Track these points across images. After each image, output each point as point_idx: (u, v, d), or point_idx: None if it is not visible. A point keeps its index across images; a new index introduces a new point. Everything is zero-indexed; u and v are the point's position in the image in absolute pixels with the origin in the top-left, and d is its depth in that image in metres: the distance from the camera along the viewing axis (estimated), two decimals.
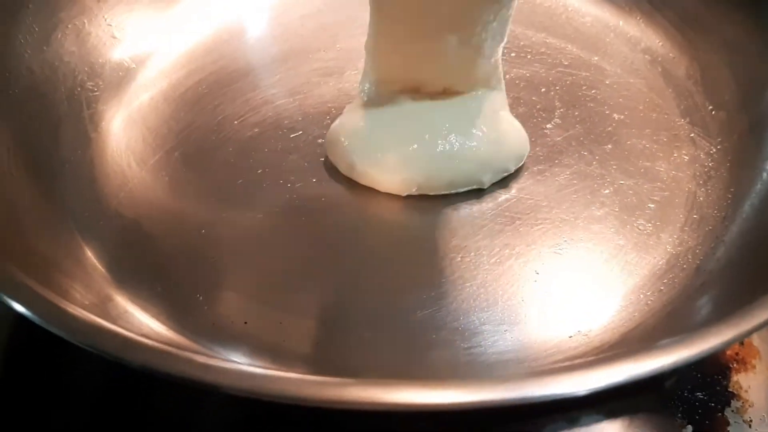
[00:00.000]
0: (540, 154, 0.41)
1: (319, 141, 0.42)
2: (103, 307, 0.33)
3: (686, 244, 0.37)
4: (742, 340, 0.23)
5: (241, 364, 0.24)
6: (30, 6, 0.42)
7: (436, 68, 0.39)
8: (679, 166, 0.41)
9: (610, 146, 0.42)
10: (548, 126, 0.43)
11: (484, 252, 0.37)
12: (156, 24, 0.48)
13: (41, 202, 0.37)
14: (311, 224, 0.38)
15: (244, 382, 0.22)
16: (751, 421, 0.40)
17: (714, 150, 0.41)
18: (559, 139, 0.42)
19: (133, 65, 0.46)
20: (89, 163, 0.41)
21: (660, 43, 0.48)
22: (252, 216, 0.38)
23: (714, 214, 0.38)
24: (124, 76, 0.46)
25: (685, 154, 0.42)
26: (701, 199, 0.39)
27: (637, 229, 0.38)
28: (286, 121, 0.43)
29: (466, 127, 0.39)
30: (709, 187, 0.40)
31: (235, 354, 0.32)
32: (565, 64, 0.47)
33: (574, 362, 0.29)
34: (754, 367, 0.43)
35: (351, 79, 0.45)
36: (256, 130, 0.43)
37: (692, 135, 0.43)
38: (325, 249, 0.37)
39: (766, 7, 0.44)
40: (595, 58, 0.48)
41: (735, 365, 0.43)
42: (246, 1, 0.51)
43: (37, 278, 0.28)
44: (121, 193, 0.40)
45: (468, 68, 0.39)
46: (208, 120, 0.44)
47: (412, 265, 0.37)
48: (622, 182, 0.40)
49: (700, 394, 0.41)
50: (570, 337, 0.33)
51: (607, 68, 0.47)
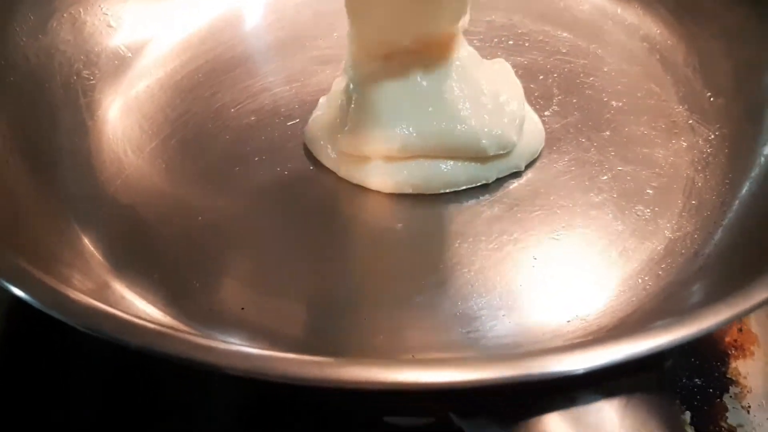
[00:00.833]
0: None
1: None
2: (100, 294, 0.33)
3: (684, 229, 0.37)
4: (739, 318, 0.23)
5: (242, 345, 0.23)
6: None
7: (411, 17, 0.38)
8: (678, 153, 0.41)
9: (608, 133, 0.42)
10: (546, 113, 0.43)
11: (482, 238, 0.37)
12: (152, 12, 0.48)
13: (38, 190, 0.37)
14: (308, 211, 0.38)
15: (246, 362, 0.22)
16: (750, 407, 0.40)
17: (712, 136, 0.41)
18: (557, 127, 0.42)
19: (129, 54, 0.46)
20: (86, 151, 0.41)
21: (658, 31, 0.48)
22: (249, 203, 0.38)
23: (712, 199, 0.38)
24: (120, 65, 0.46)
25: (684, 141, 0.41)
26: (699, 184, 0.39)
27: (636, 215, 0.38)
28: (283, 109, 0.43)
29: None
30: (707, 173, 0.39)
31: (232, 339, 0.32)
32: (563, 51, 0.47)
33: (573, 342, 0.29)
34: (753, 354, 0.43)
35: None
36: (253, 118, 0.43)
37: (690, 122, 0.42)
38: (322, 235, 0.37)
39: None
40: (593, 46, 0.48)
41: (733, 352, 0.43)
42: None
43: (35, 265, 0.28)
44: (117, 181, 0.40)
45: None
46: (205, 108, 0.44)
47: (410, 251, 0.37)
48: (620, 169, 0.40)
49: (698, 381, 0.41)
50: (568, 322, 0.33)
51: (605, 56, 0.47)
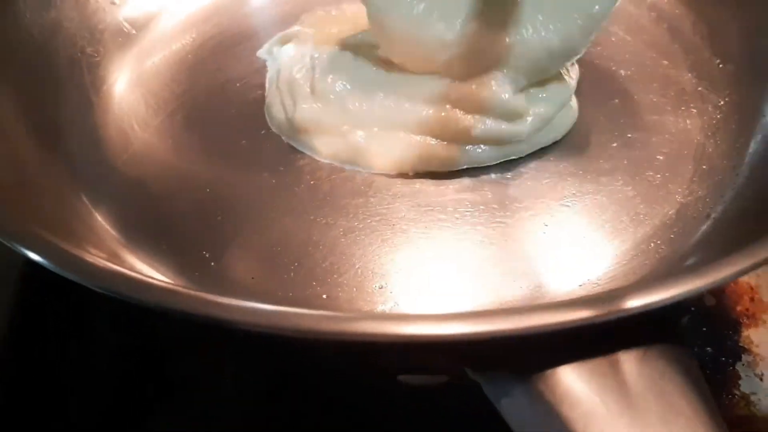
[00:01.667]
0: None
1: None
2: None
3: (696, 194, 0.37)
4: (756, 269, 0.23)
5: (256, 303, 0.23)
6: None
7: None
8: (688, 119, 0.40)
9: (617, 101, 0.42)
10: None
11: (493, 206, 0.36)
12: None
13: (46, 165, 0.37)
14: (316, 182, 0.38)
15: (261, 318, 0.22)
16: (763, 374, 0.40)
17: (722, 102, 0.41)
18: None
19: (134, 31, 0.46)
20: (92, 126, 0.40)
21: (666, 0, 0.48)
22: (257, 175, 0.38)
23: (723, 164, 0.38)
24: (124, 42, 0.45)
25: (693, 108, 0.41)
26: (710, 150, 0.39)
27: (647, 181, 0.37)
28: None
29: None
30: (717, 139, 0.39)
31: None
32: None
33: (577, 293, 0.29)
34: (765, 322, 0.43)
35: None
36: (259, 92, 0.43)
37: (700, 89, 0.42)
38: (330, 206, 0.37)
39: None
40: None
41: (746, 320, 0.43)
42: None
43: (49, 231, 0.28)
44: (124, 155, 0.39)
45: None
46: (210, 82, 0.43)
47: (420, 222, 0.36)
48: (629, 136, 0.40)
49: (710, 349, 0.41)
50: (580, 286, 0.33)
51: (613, 26, 0.47)
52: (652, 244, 0.34)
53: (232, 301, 0.23)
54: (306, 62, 0.40)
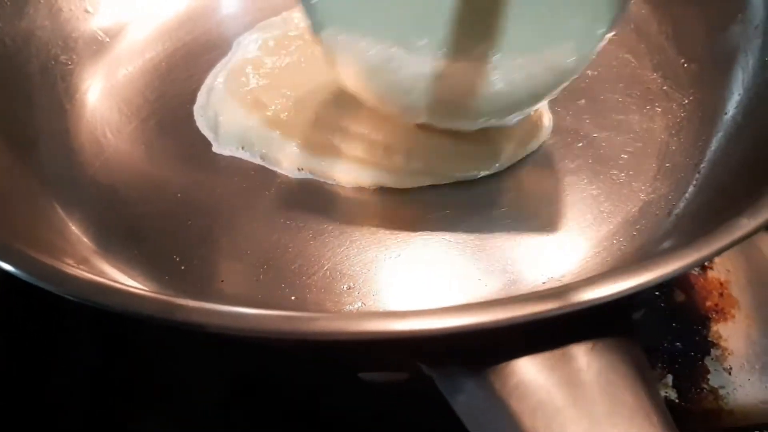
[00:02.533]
0: None
1: None
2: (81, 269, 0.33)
3: (659, 191, 0.37)
4: (701, 265, 0.24)
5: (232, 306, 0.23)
6: None
7: None
8: (652, 118, 0.41)
9: (583, 101, 0.42)
10: None
11: (458, 207, 0.37)
12: None
13: (19, 172, 0.37)
14: (286, 185, 0.38)
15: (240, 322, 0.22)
16: (731, 368, 0.41)
17: (686, 101, 0.42)
18: None
19: (107, 39, 0.46)
20: (64, 134, 0.41)
21: (632, 1, 0.48)
22: (228, 179, 0.39)
23: (686, 161, 0.38)
24: (98, 50, 0.46)
25: (658, 107, 0.42)
26: (674, 148, 0.39)
27: (611, 179, 0.38)
28: None
29: None
30: (681, 137, 0.40)
31: None
32: None
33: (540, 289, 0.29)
34: (734, 317, 0.43)
35: None
36: None
37: (665, 88, 0.43)
38: (300, 209, 0.37)
39: None
40: None
41: (714, 315, 0.43)
42: None
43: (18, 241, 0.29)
44: (97, 162, 0.40)
45: None
46: (183, 89, 0.44)
47: (389, 224, 0.37)
48: (595, 135, 0.40)
49: (680, 344, 0.42)
50: (543, 283, 0.33)
51: None
52: (615, 241, 0.35)
53: (190, 303, 0.23)
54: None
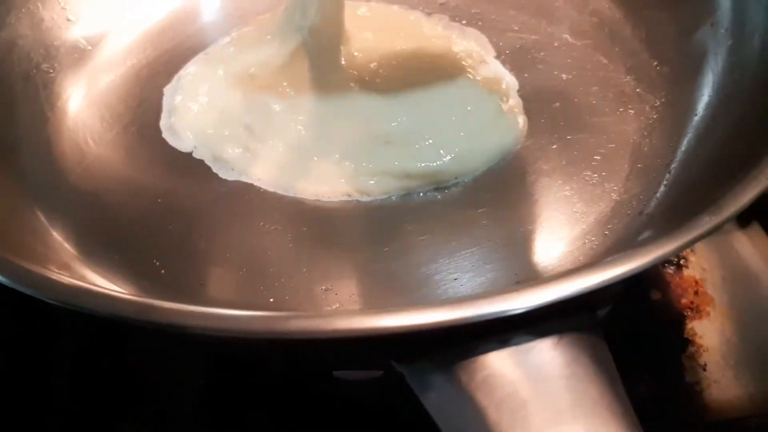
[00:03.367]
0: None
1: None
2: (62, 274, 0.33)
3: (631, 191, 0.38)
4: (662, 262, 0.24)
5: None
6: None
7: None
8: (625, 120, 0.42)
9: (557, 104, 0.43)
10: None
11: (434, 208, 0.38)
12: (110, 5, 0.48)
13: (0, 180, 0.38)
14: (264, 190, 0.39)
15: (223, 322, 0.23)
16: (706, 365, 0.42)
17: (658, 103, 0.42)
18: None
19: (89, 47, 0.47)
20: (46, 141, 0.41)
21: (607, 5, 0.49)
22: (207, 184, 0.39)
23: (657, 162, 0.39)
24: (80, 58, 0.46)
25: (631, 109, 0.43)
26: (646, 149, 0.40)
27: (583, 180, 0.39)
28: None
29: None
30: (653, 138, 0.41)
31: None
32: (515, 29, 0.48)
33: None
34: (709, 314, 0.44)
35: None
36: None
37: (638, 90, 0.44)
38: (280, 213, 0.38)
39: None
40: (544, 22, 0.49)
41: (690, 313, 0.44)
42: None
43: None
44: (78, 169, 0.40)
45: None
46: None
47: (367, 226, 0.38)
48: (569, 137, 0.41)
49: (656, 341, 0.43)
50: (517, 282, 0.34)
51: (555, 32, 0.48)
52: (587, 241, 0.36)
53: (166, 304, 0.24)
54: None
